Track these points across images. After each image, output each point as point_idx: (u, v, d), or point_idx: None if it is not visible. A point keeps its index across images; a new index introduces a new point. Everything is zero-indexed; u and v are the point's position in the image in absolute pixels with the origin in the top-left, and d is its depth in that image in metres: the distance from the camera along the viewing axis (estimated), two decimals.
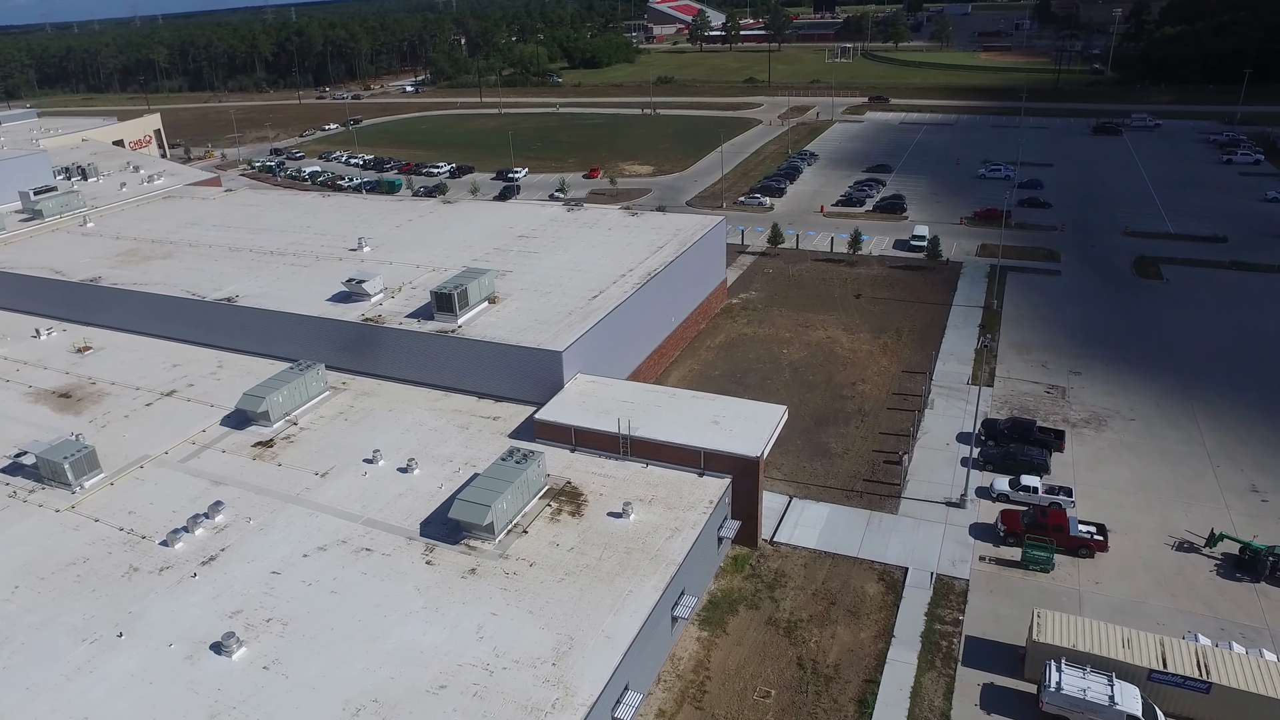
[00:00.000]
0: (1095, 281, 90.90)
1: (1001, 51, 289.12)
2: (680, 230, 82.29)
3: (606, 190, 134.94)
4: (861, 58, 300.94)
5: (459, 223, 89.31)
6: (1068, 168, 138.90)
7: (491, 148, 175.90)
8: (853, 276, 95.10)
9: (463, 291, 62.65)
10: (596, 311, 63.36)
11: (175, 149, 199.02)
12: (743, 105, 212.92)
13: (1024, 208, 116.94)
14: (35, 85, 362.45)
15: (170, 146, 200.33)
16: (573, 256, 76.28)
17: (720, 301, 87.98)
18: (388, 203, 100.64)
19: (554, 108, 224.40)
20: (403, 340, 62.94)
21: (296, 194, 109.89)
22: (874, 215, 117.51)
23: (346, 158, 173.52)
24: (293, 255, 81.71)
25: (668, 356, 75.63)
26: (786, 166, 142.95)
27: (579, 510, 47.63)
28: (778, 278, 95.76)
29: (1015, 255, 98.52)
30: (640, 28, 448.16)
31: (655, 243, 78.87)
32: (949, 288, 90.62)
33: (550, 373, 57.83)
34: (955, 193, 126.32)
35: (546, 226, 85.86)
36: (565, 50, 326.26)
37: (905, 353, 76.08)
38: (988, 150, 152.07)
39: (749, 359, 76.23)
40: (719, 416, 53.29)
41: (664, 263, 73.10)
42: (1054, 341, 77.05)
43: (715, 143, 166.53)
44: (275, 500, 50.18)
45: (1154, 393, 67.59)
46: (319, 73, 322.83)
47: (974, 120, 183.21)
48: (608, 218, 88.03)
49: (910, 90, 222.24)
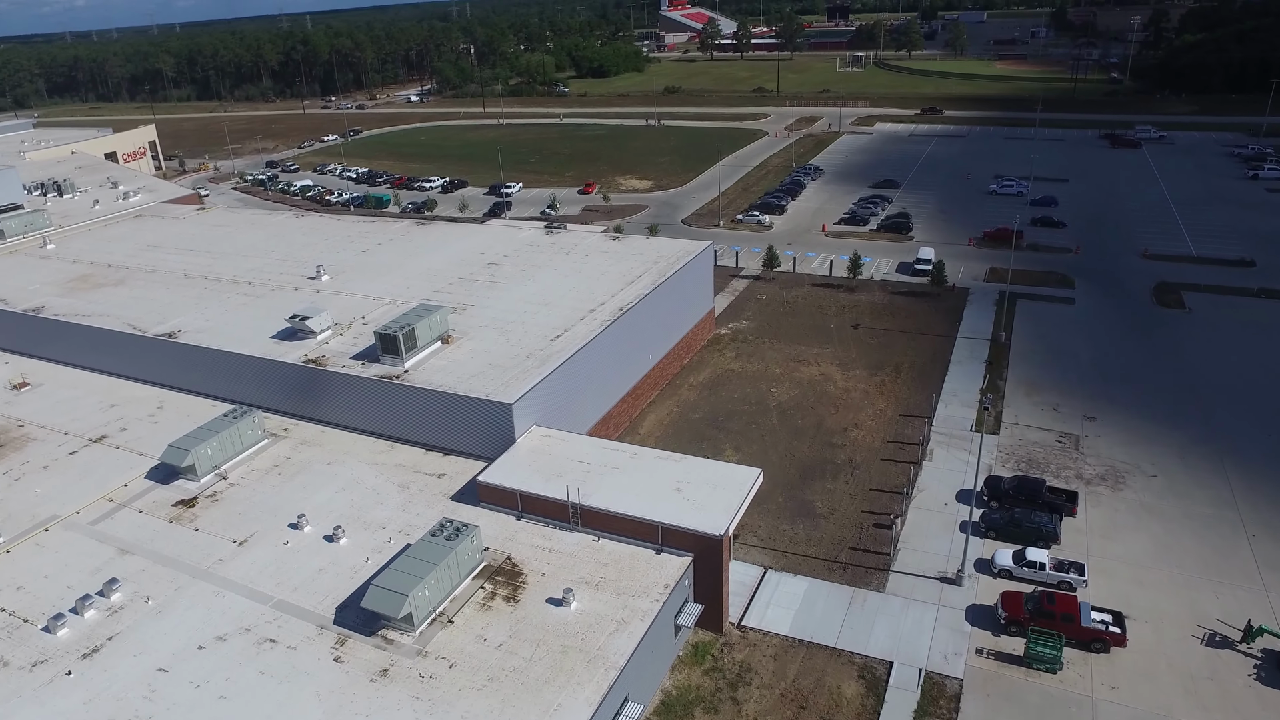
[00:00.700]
0: (1112, 311, 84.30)
1: (1017, 60, 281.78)
2: (662, 257, 76.57)
3: (600, 207, 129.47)
4: (874, 67, 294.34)
5: (429, 248, 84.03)
6: (1083, 183, 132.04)
7: (488, 160, 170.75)
8: (852, 304, 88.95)
9: (409, 333, 57.15)
10: (557, 355, 57.68)
11: (171, 160, 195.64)
12: (750, 116, 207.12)
13: (1037, 227, 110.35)
14: (44, 94, 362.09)
15: (167, 158, 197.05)
16: (542, 288, 70.70)
17: (708, 332, 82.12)
18: (360, 224, 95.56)
19: (557, 118, 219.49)
20: (345, 385, 57.53)
21: (269, 214, 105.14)
22: (878, 235, 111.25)
23: (340, 170, 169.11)
24: (249, 284, 76.61)
25: (645, 397, 69.85)
26: (789, 182, 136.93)
27: (516, 594, 41.86)
28: (771, 305, 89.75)
29: (1026, 280, 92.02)
30: (652, 36, 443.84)
31: (633, 272, 73.17)
32: (954, 317, 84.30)
33: (500, 426, 52.18)
34: (965, 210, 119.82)
35: (520, 252, 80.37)
36: (573, 59, 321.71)
37: (904, 393, 69.87)
38: (1000, 164, 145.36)
39: (734, 399, 70.27)
40: (684, 482, 47.39)
41: (639, 295, 67.36)
42: (1066, 380, 70.60)
43: (718, 156, 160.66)
44: (182, 575, 44.76)
45: (1178, 442, 61.07)
46: (325, 82, 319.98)
47: (987, 131, 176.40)
48: (586, 242, 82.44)
49: (922, 100, 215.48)
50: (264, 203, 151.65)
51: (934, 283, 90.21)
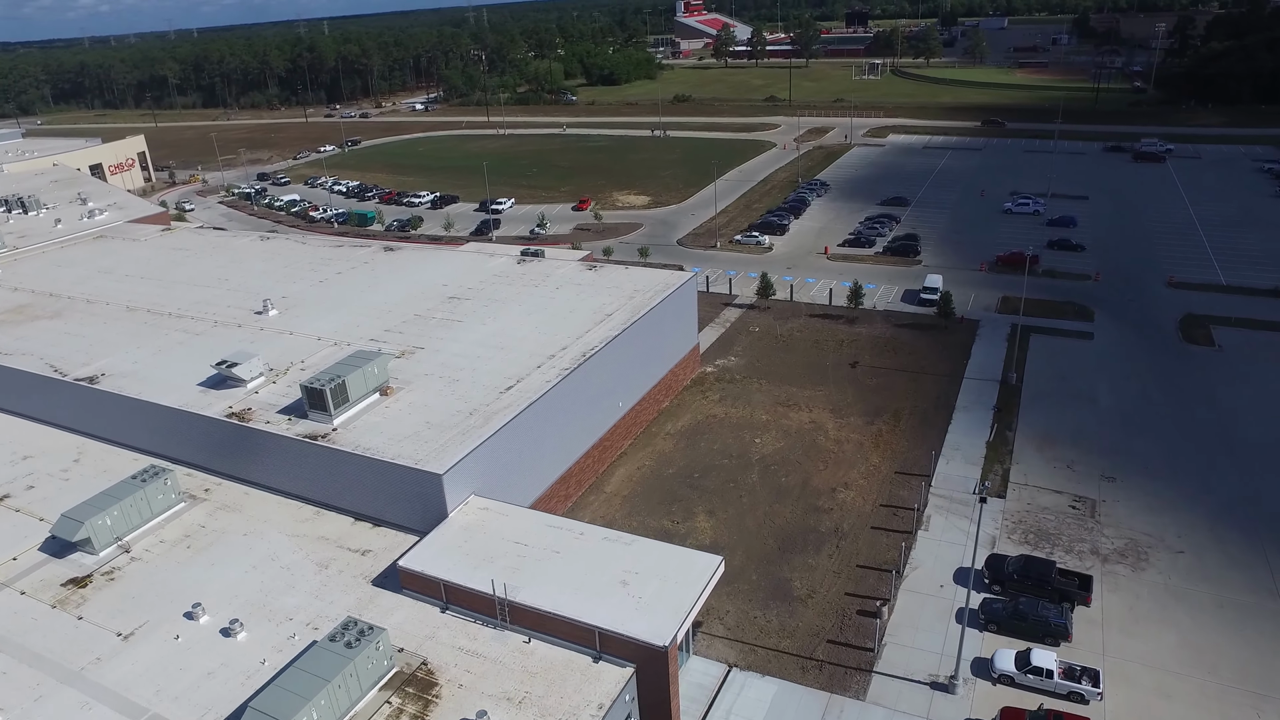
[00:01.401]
0: (1134, 348, 76.96)
1: (1037, 68, 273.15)
2: (639, 290, 70.26)
3: (591, 226, 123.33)
4: (891, 74, 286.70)
5: (390, 278, 78.20)
6: (1104, 201, 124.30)
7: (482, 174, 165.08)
8: (851, 337, 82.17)
9: (338, 386, 51.12)
10: (504, 411, 51.48)
11: (161, 172, 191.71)
12: (759, 127, 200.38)
13: (1054, 251, 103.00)
14: (50, 101, 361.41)
15: (157, 169, 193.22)
16: (501, 327, 64.59)
17: (691, 370, 75.65)
18: (324, 249, 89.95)
19: (561, 128, 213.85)
20: (267, 444, 51.59)
21: (232, 237, 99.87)
22: (883, 259, 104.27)
23: (331, 184, 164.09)
24: (191, 318, 71.02)
25: (615, 447, 63.49)
26: (793, 199, 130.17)
27: (424, 714, 35.61)
28: (764, 338, 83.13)
29: (1041, 311, 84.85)
30: (667, 43, 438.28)
31: (605, 308, 66.92)
32: (961, 353, 77.31)
33: (430, 499, 46.01)
34: (977, 231, 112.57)
35: (485, 284, 74.32)
36: (585, 67, 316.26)
37: (902, 445, 63.05)
38: (1017, 179, 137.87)
39: (714, 451, 63.72)
40: (632, 572, 40.99)
41: (607, 338, 61.07)
42: (1083, 431, 63.50)
43: (722, 170, 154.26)
44: (49, 678, 38.89)
45: (1208, 510, 53.92)
46: (331, 89, 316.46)
47: (1004, 144, 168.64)
48: (559, 273, 76.27)
49: (939, 111, 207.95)
50: (248, 218, 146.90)
51: (941, 315, 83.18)
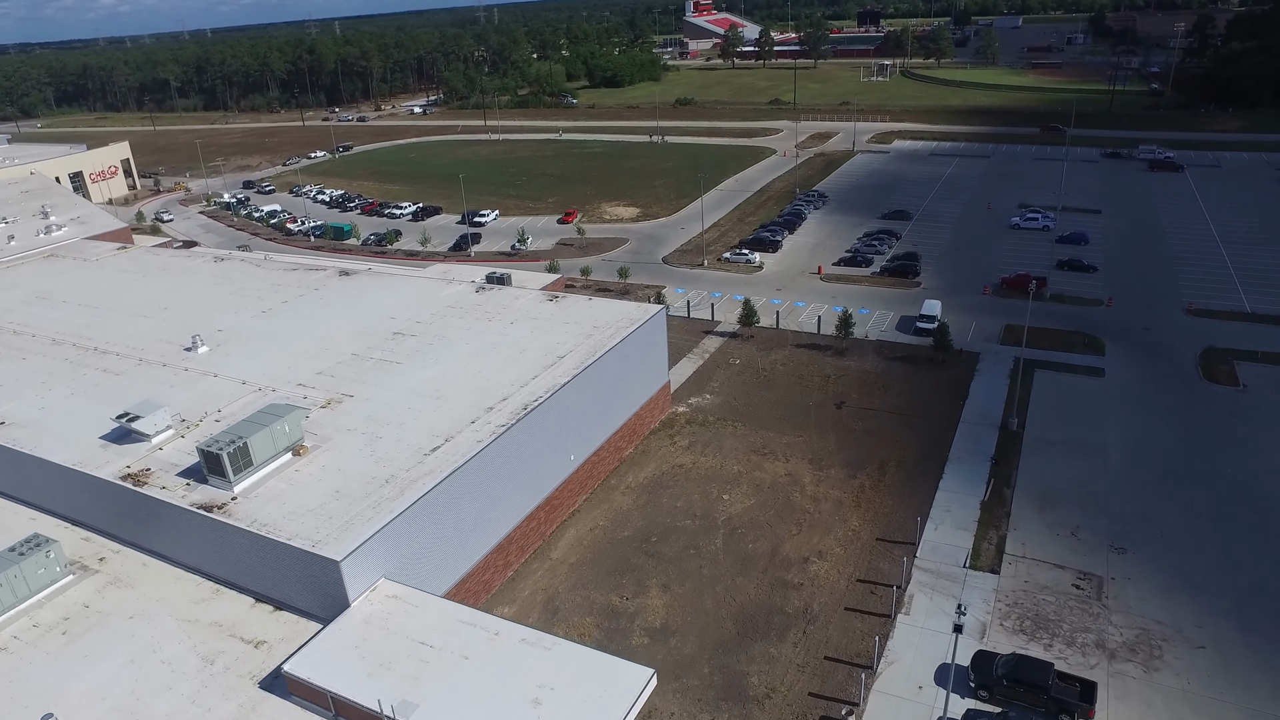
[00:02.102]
0: (1148, 387, 70.07)
1: (1051, 70, 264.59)
2: (600, 326, 64.10)
3: (574, 241, 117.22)
4: (900, 76, 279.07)
5: (338, 308, 72.49)
6: (1119, 215, 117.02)
7: (473, 182, 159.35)
8: (839, 371, 75.67)
9: (240, 449, 45.25)
10: (426, 478, 45.48)
11: (147, 179, 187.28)
12: (761, 131, 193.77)
13: (1063, 272, 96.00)
14: (52, 104, 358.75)
15: (143, 175, 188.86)
16: (442, 370, 58.62)
17: (661, 411, 69.43)
18: (277, 273, 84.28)
19: (557, 133, 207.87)
20: (161, 513, 45.80)
21: (188, 257, 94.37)
22: (880, 280, 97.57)
23: (315, 193, 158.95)
24: (116, 355, 65.45)
25: (567, 504, 57.40)
26: (788, 212, 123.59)
27: None
28: (744, 373, 76.75)
29: (1048, 342, 78.09)
30: (675, 43, 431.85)
31: (559, 347, 60.83)
32: (959, 393, 70.69)
33: (329, 586, 40.12)
34: (982, 249, 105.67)
35: (436, 318, 68.36)
36: (588, 68, 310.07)
37: (886, 504, 56.60)
38: (1027, 190, 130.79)
39: (676, 510, 57.48)
40: (549, 687, 34.93)
41: (553, 386, 54.96)
42: (1090, 489, 56.84)
43: (718, 179, 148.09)
44: None
45: (1233, 591, 47.23)
46: (331, 92, 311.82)
47: (1015, 150, 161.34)
48: (518, 304, 70.21)
49: (947, 115, 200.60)
50: (226, 229, 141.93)
51: (937, 347, 76.44)
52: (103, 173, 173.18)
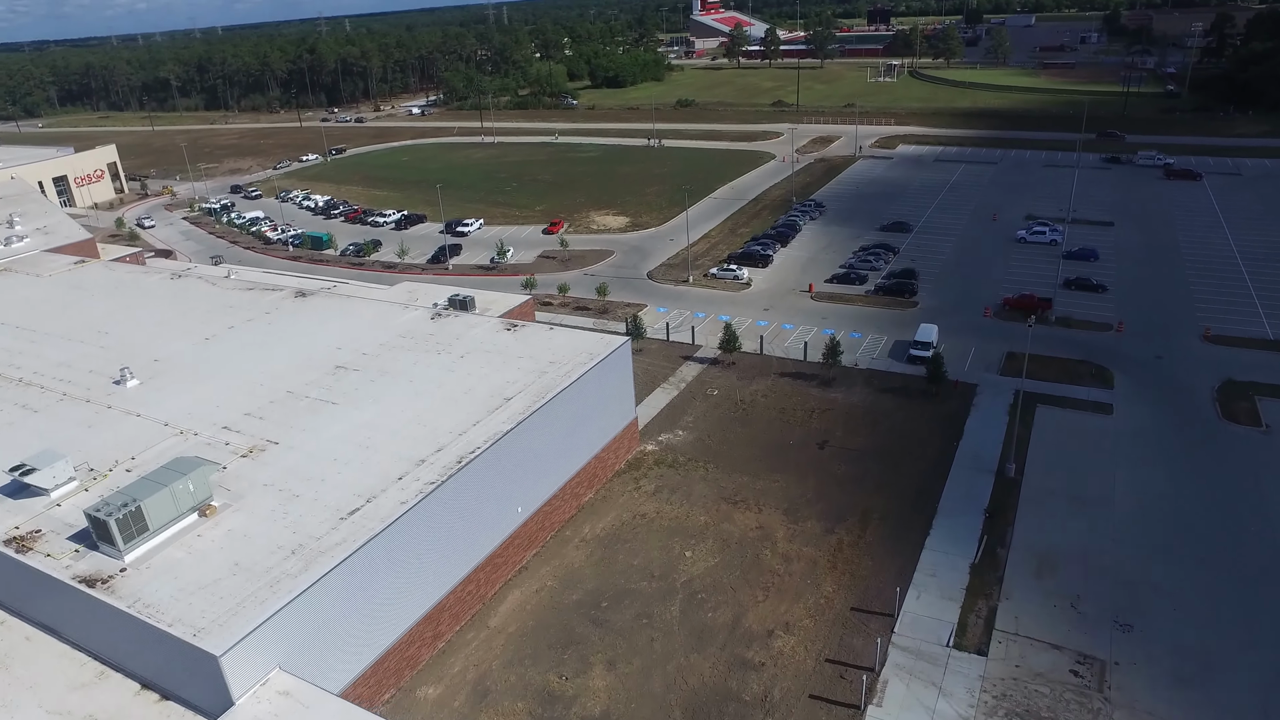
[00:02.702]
0: (1161, 426, 64.26)
1: (1063, 70, 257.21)
2: (558, 361, 58.91)
3: (556, 254, 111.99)
4: (909, 76, 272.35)
5: (287, 334, 67.68)
6: (1132, 228, 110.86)
7: (461, 188, 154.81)
8: (823, 405, 70.19)
9: (133, 513, 40.33)
10: (337, 548, 40.46)
11: (134, 182, 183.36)
12: (761, 135, 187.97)
13: (1071, 291, 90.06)
14: (55, 103, 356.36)
15: (130, 179, 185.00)
16: (379, 413, 53.60)
17: (627, 450, 64.17)
18: (235, 293, 79.50)
19: (553, 136, 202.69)
20: (42, 584, 40.92)
21: (145, 274, 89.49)
22: (875, 300, 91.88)
23: (301, 198, 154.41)
24: (40, 387, 60.76)
25: (512, 563, 52.29)
26: (783, 223, 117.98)
27: None
28: (721, 405, 71.36)
29: (1052, 373, 72.37)
30: (682, 41, 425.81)
31: (509, 386, 55.70)
32: (953, 430, 65.12)
33: (210, 681, 35.08)
34: (985, 265, 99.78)
35: (384, 349, 63.32)
36: (591, 68, 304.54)
37: (865, 566, 51.17)
38: (1036, 200, 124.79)
39: (632, 569, 52.23)
40: None
41: (494, 434, 49.85)
42: (1095, 550, 51.23)
43: (712, 186, 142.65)
44: None
45: (1260, 680, 41.58)
46: (331, 92, 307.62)
47: (1024, 157, 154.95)
48: (473, 334, 65.07)
49: (954, 117, 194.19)
50: (207, 236, 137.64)
51: (931, 379, 70.68)
52: (88, 176, 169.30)
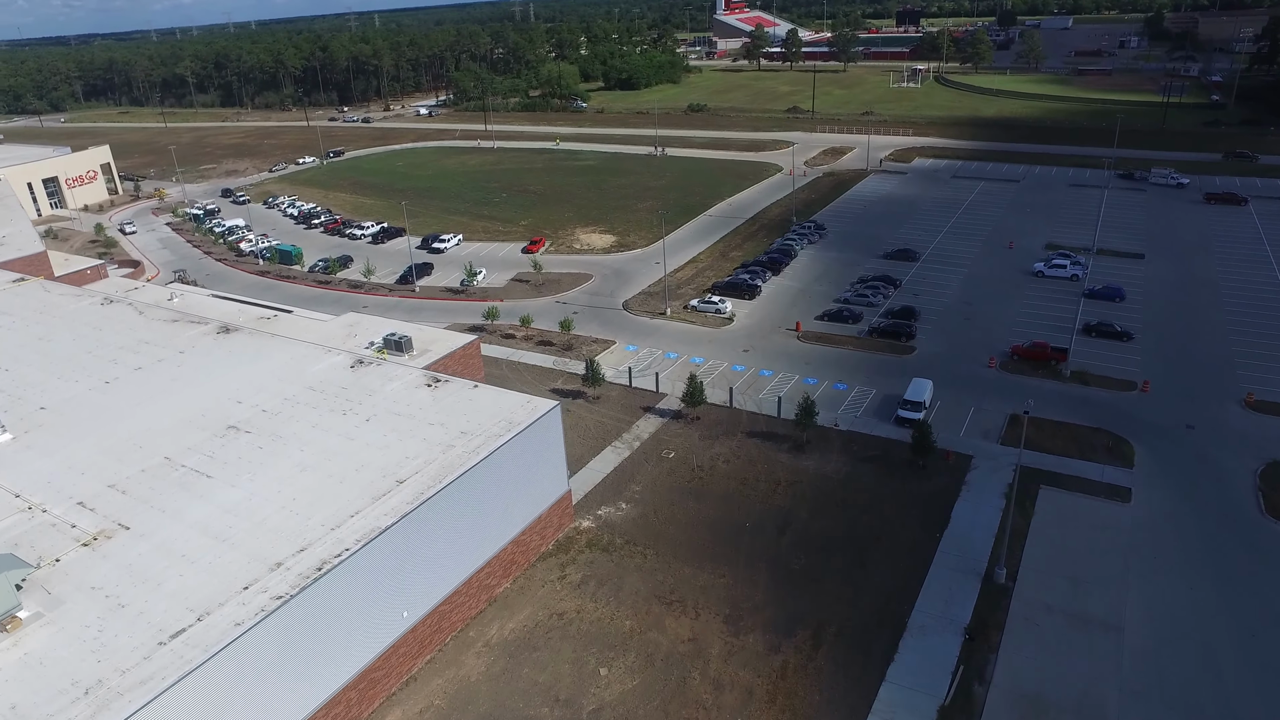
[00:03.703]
0: (1188, 520, 54.66)
1: (1099, 76, 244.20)
2: (471, 431, 50.73)
3: (530, 278, 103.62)
4: (934, 82, 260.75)
5: (192, 380, 60.51)
6: (1165, 261, 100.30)
7: (448, 197, 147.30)
8: (792, 475, 61.29)
9: None
10: (138, 690, 32.65)
11: (131, 182, 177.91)
12: (770, 144, 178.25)
13: (1091, 339, 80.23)
14: (80, 98, 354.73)
15: (129, 179, 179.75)
16: (253, 492, 45.98)
17: (557, 529, 55.77)
18: (158, 324, 72.20)
19: (554, 142, 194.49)
20: None
21: (75, 298, 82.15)
22: (867, 343, 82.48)
23: (286, 205, 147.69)
24: None
25: (393, 677, 44.18)
26: (777, 248, 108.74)
27: None
28: (677, 471, 62.68)
29: (1061, 444, 62.92)
30: (704, 41, 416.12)
31: (407, 463, 47.64)
32: (937, 516, 56.02)
33: None
34: (995, 304, 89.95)
35: (288, 405, 55.62)
36: (605, 69, 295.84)
37: (811, 701, 42.38)
38: (1058, 225, 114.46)
39: (536, 688, 43.83)
40: None
41: (367, 534, 41.75)
42: (1096, 695, 42.04)
43: (709, 202, 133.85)
44: None
45: None
46: (344, 90, 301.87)
47: (1049, 174, 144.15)
48: (391, 389, 57.03)
49: (976, 128, 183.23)
50: (184, 244, 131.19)
51: (917, 450, 61.34)
52: (80, 178, 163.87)
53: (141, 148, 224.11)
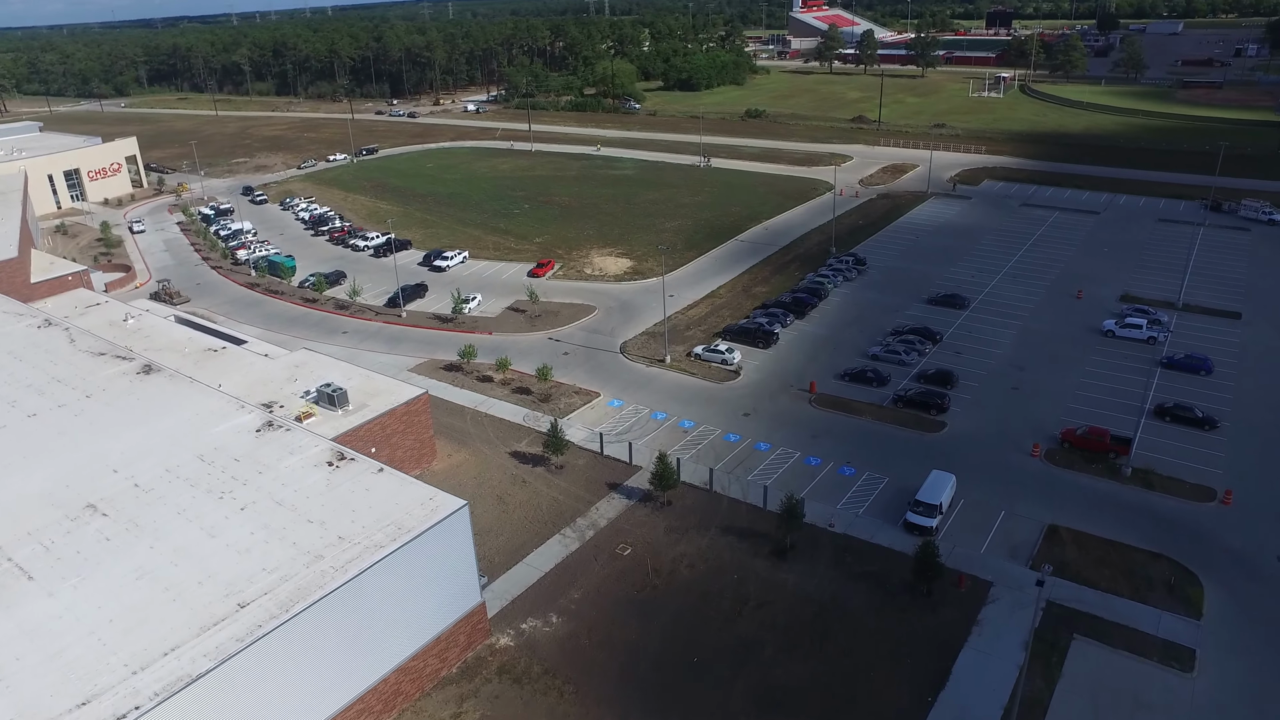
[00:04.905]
0: (1272, 705, 41.87)
1: (1206, 90, 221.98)
2: (351, 536, 41.54)
3: (526, 307, 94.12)
4: (1018, 91, 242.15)
5: (79, 439, 53.09)
6: (1268, 325, 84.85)
7: (467, 206, 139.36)
8: (767, 591, 50.48)
9: None
10: None
11: (158, 174, 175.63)
12: (826, 158, 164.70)
13: (1164, 424, 66.75)
14: (144, 82, 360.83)
15: (156, 170, 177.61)
16: (69, 605, 38.26)
17: (464, 648, 46.18)
18: (80, 358, 65.05)
19: (595, 147, 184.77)
20: None
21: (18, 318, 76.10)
22: (890, 413, 70.39)
23: (300, 208, 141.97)
24: None
25: None
26: (806, 285, 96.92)
27: None
28: (629, 575, 52.38)
29: (1108, 574, 50.72)
30: (778, 40, 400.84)
31: (259, 578, 38.91)
32: (935, 668, 44.58)
33: None
34: (1051, 370, 76.65)
35: (164, 480, 47.66)
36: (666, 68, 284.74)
37: None
38: (1138, 270, 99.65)
39: None
40: None
41: (170, 684, 32.81)
42: None
43: (743, 225, 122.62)
44: None
45: None
46: (396, 82, 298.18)
47: (1135, 205, 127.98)
48: (284, 466, 48.23)
49: (1058, 147, 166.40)
50: (186, 247, 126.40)
51: (920, 574, 49.60)
52: (103, 170, 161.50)
53: (184, 137, 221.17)
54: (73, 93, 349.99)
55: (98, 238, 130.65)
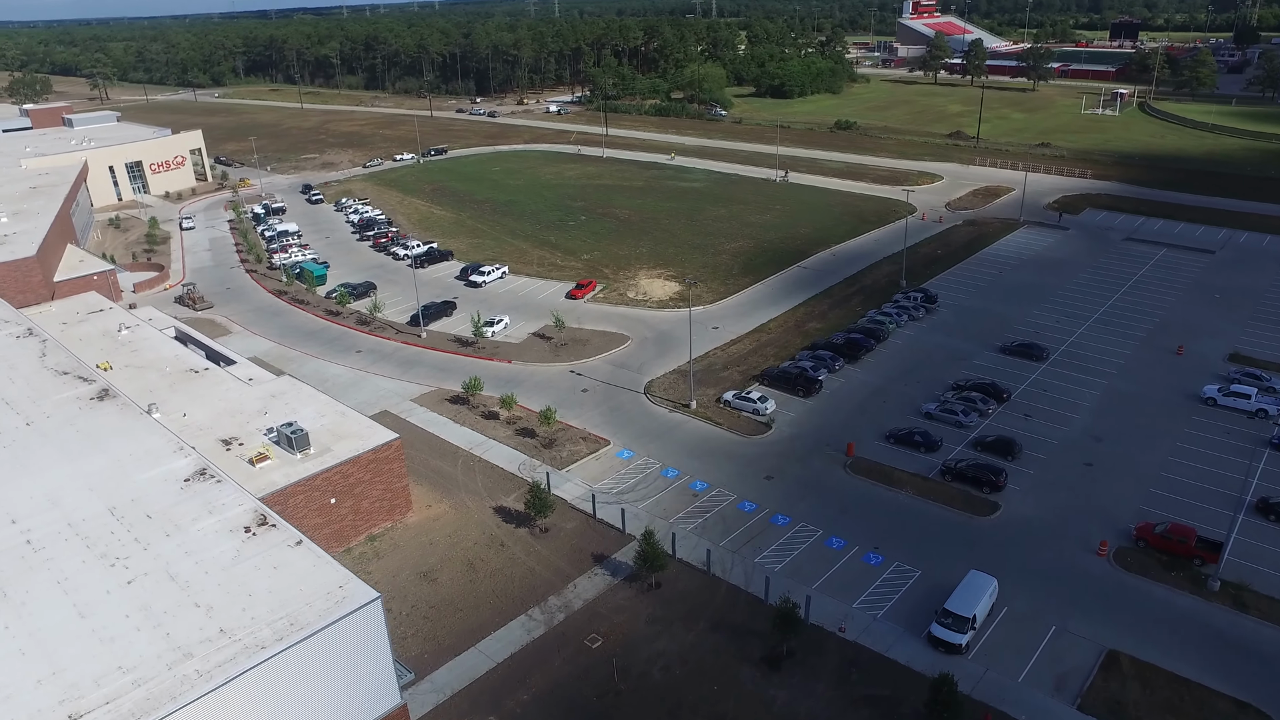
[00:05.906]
0: None
1: None
2: (234, 629, 35.57)
3: (553, 336, 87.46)
4: (1136, 109, 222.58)
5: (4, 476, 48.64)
6: None
7: (522, 216, 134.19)
8: (745, 713, 42.15)
9: None
10: None
11: (224, 167, 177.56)
12: (914, 177, 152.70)
13: (1268, 523, 55.18)
14: (240, 73, 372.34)
15: (224, 163, 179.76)
16: None
17: None
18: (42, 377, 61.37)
19: (669, 156, 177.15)
20: None
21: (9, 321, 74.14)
22: (936, 488, 60.59)
23: (352, 209, 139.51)
24: None
25: None
26: (864, 324, 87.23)
27: None
28: (591, 676, 44.90)
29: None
30: (885, 46, 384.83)
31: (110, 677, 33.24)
32: None
33: None
34: (1135, 444, 65.20)
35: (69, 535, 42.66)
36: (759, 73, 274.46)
37: None
38: (1253, 324, 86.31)
39: None
40: None
41: None
42: None
43: (810, 250, 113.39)
44: None
45: None
46: (481, 79, 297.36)
47: (1259, 244, 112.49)
48: (196, 530, 42.63)
49: (1176, 173, 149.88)
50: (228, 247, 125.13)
51: (931, 712, 40.33)
52: (166, 163, 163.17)
53: (262, 130, 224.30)
54: (173, 82, 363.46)
55: (147, 233, 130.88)
